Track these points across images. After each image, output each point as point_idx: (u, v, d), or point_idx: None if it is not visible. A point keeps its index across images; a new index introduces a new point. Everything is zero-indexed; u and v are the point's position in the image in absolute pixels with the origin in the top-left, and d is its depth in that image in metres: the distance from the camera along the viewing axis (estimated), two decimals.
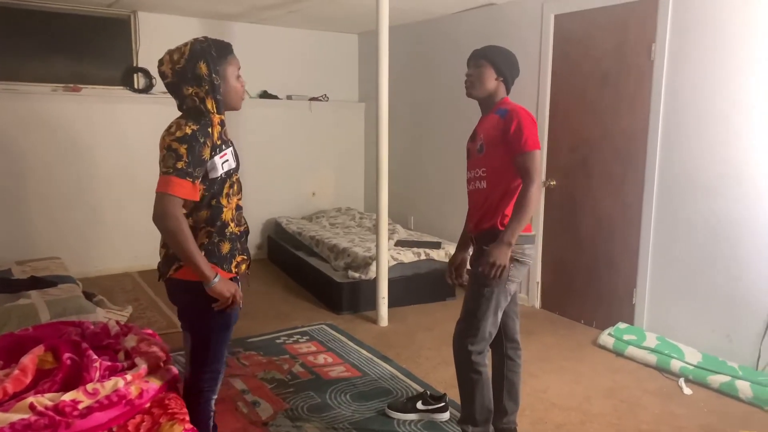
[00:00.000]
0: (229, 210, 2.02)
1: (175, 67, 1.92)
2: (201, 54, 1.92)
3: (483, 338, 2.40)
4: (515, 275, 2.40)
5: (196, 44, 1.94)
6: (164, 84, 1.98)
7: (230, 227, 2.03)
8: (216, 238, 1.99)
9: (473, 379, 2.42)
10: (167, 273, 1.99)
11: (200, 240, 1.96)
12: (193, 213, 1.96)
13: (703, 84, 3.41)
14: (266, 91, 5.89)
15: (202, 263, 1.88)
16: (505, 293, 2.41)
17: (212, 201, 1.98)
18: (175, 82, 1.94)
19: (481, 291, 2.38)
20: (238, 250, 2.08)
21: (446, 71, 5.21)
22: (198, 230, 1.97)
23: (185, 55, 1.92)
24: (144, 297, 4.62)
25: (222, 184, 1.98)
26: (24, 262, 4.49)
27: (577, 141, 4.16)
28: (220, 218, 1.99)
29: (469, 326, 2.41)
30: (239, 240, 2.09)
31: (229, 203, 2.02)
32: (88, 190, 5.16)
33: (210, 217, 1.97)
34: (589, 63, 4.03)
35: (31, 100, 4.84)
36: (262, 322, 4.10)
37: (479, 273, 2.32)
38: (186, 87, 1.92)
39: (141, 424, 1.89)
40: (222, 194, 1.99)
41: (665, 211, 3.66)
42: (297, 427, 2.73)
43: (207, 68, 1.92)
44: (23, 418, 1.72)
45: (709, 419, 2.89)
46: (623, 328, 3.75)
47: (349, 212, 6.19)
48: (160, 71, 1.96)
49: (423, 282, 4.59)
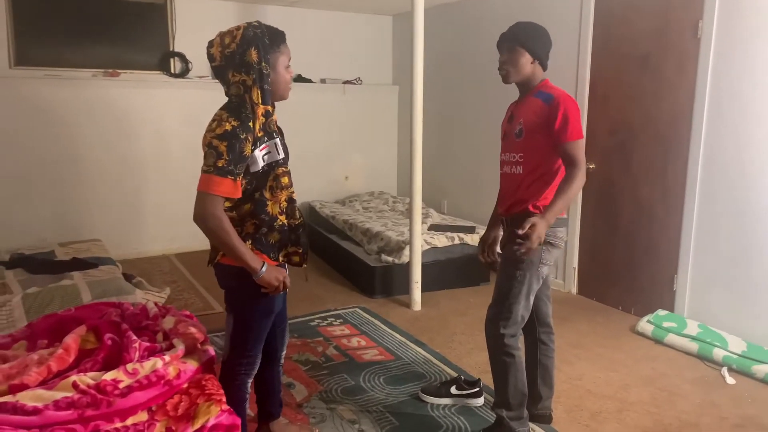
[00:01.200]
0: (275, 203, 2.00)
1: (225, 51, 1.88)
2: (253, 40, 1.87)
3: (515, 321, 2.37)
4: (547, 258, 2.37)
5: (249, 29, 1.89)
6: (211, 67, 1.95)
7: (280, 220, 2.01)
8: (263, 229, 1.98)
9: (506, 363, 2.40)
10: (215, 258, 2.01)
11: (246, 230, 1.96)
12: (236, 207, 1.95)
13: (753, 65, 3.26)
14: (300, 74, 5.88)
15: (247, 256, 1.88)
16: (537, 276, 2.38)
17: (255, 194, 1.96)
18: (222, 66, 1.90)
19: (513, 274, 2.35)
20: (291, 241, 2.07)
21: (481, 53, 5.11)
22: (244, 222, 1.96)
23: (236, 40, 1.87)
24: (181, 279, 4.71)
25: (264, 177, 1.96)
26: (66, 244, 4.62)
27: (617, 125, 4.04)
28: (265, 211, 1.97)
29: (501, 309, 2.38)
30: (294, 232, 2.07)
31: (274, 196, 1.99)
32: (127, 174, 5.26)
33: (254, 210, 1.96)
34: (630, 43, 3.90)
35: (73, 86, 4.94)
36: (296, 305, 4.14)
37: (513, 250, 2.23)
38: (233, 73, 1.88)
39: (179, 404, 1.92)
40: (265, 187, 1.97)
41: (709, 198, 3.54)
42: (331, 409, 2.75)
43: (257, 56, 1.87)
44: (66, 396, 1.77)
45: (752, 410, 2.81)
46: (663, 315, 3.66)
47: (382, 196, 6.18)
48: (209, 53, 1.92)
49: (456, 267, 4.56)
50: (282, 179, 2.00)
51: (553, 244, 2.37)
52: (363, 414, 2.71)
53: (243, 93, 1.89)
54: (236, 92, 1.91)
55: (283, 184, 2.01)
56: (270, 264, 1.97)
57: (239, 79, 1.89)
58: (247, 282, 1.93)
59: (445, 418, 2.69)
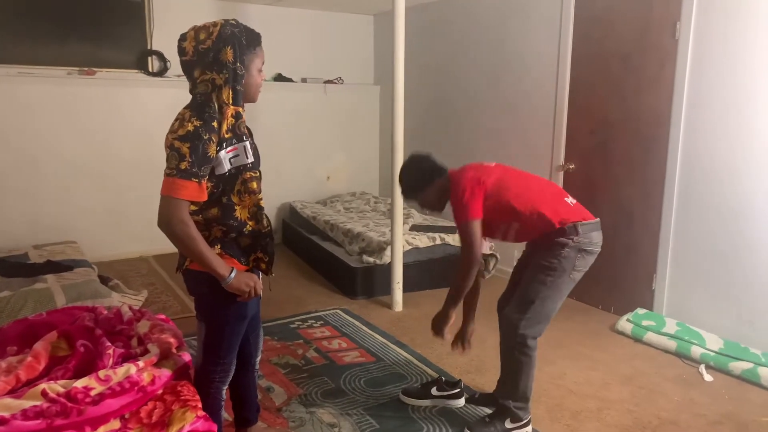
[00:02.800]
0: (244, 208, 1.93)
1: (199, 47, 1.80)
2: (230, 39, 1.80)
3: (538, 322, 2.41)
4: (581, 265, 2.40)
5: (226, 27, 1.81)
6: (180, 61, 1.86)
7: (250, 225, 1.95)
8: (232, 234, 1.92)
9: (521, 362, 2.44)
10: (183, 264, 1.95)
11: (214, 234, 1.90)
12: (203, 211, 1.88)
13: (729, 65, 3.29)
14: (281, 73, 5.84)
15: (215, 263, 1.82)
16: (569, 282, 2.41)
17: (222, 198, 1.88)
18: (193, 62, 1.82)
19: (543, 279, 2.38)
20: (261, 248, 2.00)
21: (463, 52, 5.11)
22: (211, 227, 1.89)
23: (212, 37, 1.79)
24: (159, 281, 4.64)
25: (231, 180, 1.88)
26: (40, 246, 4.53)
27: (597, 124, 4.06)
28: (233, 216, 1.90)
29: (525, 311, 2.41)
30: (263, 238, 2.00)
31: (242, 201, 1.92)
32: (103, 175, 5.17)
33: (222, 215, 1.89)
34: (611, 42, 3.92)
35: (47, 84, 4.84)
36: (276, 307, 4.10)
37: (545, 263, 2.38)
38: (203, 70, 1.81)
39: (153, 411, 1.88)
40: (233, 191, 1.89)
41: (687, 195, 3.57)
42: (311, 412, 2.72)
43: (233, 55, 1.80)
44: (35, 404, 1.72)
45: (730, 406, 2.84)
46: (642, 314, 3.68)
47: (364, 197, 6.15)
48: (181, 47, 1.84)
49: (438, 267, 4.55)
50: (250, 184, 1.92)
51: (588, 251, 2.40)
52: (343, 417, 2.69)
53: (210, 92, 1.83)
54: (203, 90, 1.83)
55: (251, 189, 1.93)
56: (240, 269, 1.92)
57: (209, 78, 1.82)
58: (218, 288, 1.88)
59: (425, 420, 2.67)
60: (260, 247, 2.00)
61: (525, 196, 2.42)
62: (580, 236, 2.35)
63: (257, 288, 1.92)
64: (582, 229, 2.36)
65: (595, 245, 2.42)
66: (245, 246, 1.96)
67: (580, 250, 2.36)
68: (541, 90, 4.40)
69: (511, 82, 4.65)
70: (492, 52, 4.77)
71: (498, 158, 4.74)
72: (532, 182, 2.54)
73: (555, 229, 2.37)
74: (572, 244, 2.35)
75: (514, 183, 2.47)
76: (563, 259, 2.35)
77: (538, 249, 2.45)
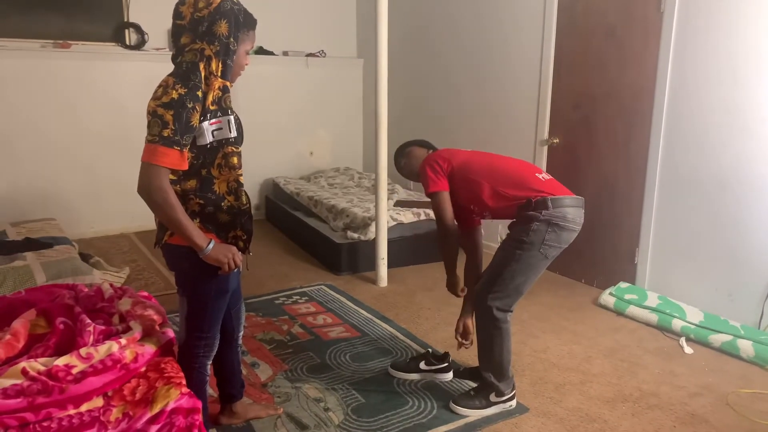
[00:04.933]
0: (222, 182, 1.91)
1: (194, 14, 1.79)
2: (228, 14, 1.80)
3: (507, 296, 2.42)
4: (552, 240, 2.36)
5: (227, 2, 1.82)
6: (173, 23, 1.83)
7: (228, 200, 1.93)
8: (210, 208, 1.89)
9: (492, 334, 2.46)
10: (162, 239, 1.92)
11: (191, 207, 1.87)
12: (181, 181, 1.85)
13: (715, 37, 3.28)
14: (262, 47, 5.73)
15: (192, 232, 1.79)
16: (541, 257, 2.38)
17: (201, 170, 1.87)
18: (183, 27, 1.81)
19: (512, 252, 2.39)
20: (240, 225, 1.98)
21: (448, 23, 5.04)
22: (187, 199, 1.87)
23: (210, 8, 1.79)
24: (141, 258, 4.59)
25: (212, 153, 1.87)
26: (19, 224, 4.44)
27: (581, 98, 4.05)
28: (212, 189, 1.88)
29: (493, 283, 2.42)
30: (242, 216, 1.98)
31: (221, 174, 1.90)
32: (82, 150, 5.07)
33: (200, 187, 1.87)
34: (595, 15, 3.89)
35: (20, 57, 4.71)
36: (261, 283, 4.08)
37: (516, 237, 2.40)
38: (193, 38, 1.80)
39: (137, 389, 1.86)
40: (213, 164, 1.88)
41: (670, 170, 3.58)
42: (296, 387, 2.72)
43: (228, 30, 1.80)
44: (16, 383, 1.69)
45: (709, 378, 2.89)
46: (624, 288, 3.72)
47: (348, 172, 6.11)
48: (178, 10, 1.82)
49: (423, 242, 4.55)
50: (231, 158, 1.90)
51: (561, 226, 2.35)
52: (329, 392, 2.69)
53: (198, 61, 1.80)
54: (190, 59, 1.81)
55: (232, 164, 1.91)
56: (218, 241, 1.89)
57: (198, 47, 1.80)
58: (199, 262, 1.85)
59: (411, 394, 2.69)
60: (239, 224, 1.98)
61: (488, 173, 2.49)
62: (549, 210, 2.33)
63: (236, 259, 1.90)
64: (553, 203, 2.34)
65: (570, 222, 2.37)
66: (224, 222, 1.94)
67: (551, 224, 2.33)
68: (525, 64, 4.36)
69: (495, 56, 4.61)
70: (476, 25, 4.71)
71: (483, 132, 4.74)
72: (500, 161, 2.58)
73: (523, 204, 2.38)
74: (541, 218, 2.33)
75: (480, 161, 2.57)
76: (532, 233, 2.34)
77: (512, 226, 2.47)
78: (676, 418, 2.55)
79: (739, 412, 2.59)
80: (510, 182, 2.44)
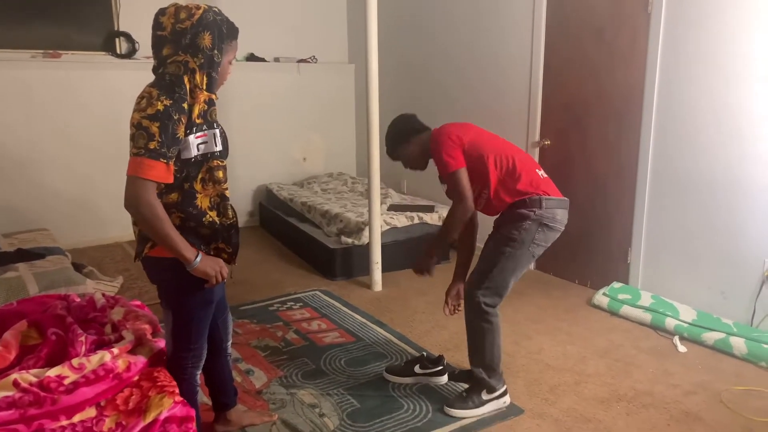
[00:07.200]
0: (205, 197, 1.88)
1: (176, 26, 1.75)
2: (211, 25, 1.77)
3: (496, 293, 2.45)
4: (540, 239, 2.42)
5: (209, 13, 1.78)
6: (153, 34, 1.80)
7: (210, 215, 1.89)
8: (191, 223, 1.86)
9: (483, 328, 2.48)
10: (142, 252, 1.88)
11: (172, 221, 1.83)
12: (163, 195, 1.81)
13: (703, 37, 3.30)
14: (253, 53, 5.74)
15: (181, 246, 1.76)
16: (528, 255, 2.43)
17: (184, 184, 1.83)
18: (165, 39, 1.77)
19: (503, 249, 2.41)
20: (224, 239, 1.95)
21: (439, 28, 5.07)
22: (169, 213, 1.81)
23: (193, 19, 1.75)
24: (134, 267, 4.57)
25: (197, 167, 1.84)
26: (10, 235, 4.43)
27: (572, 99, 4.06)
28: (194, 204, 1.85)
29: (482, 279, 2.45)
30: (225, 231, 1.95)
31: (205, 189, 1.87)
32: (74, 160, 5.05)
33: (181, 202, 1.83)
34: (584, 15, 3.91)
35: (10, 67, 4.69)
36: (255, 290, 4.07)
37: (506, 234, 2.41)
38: (176, 51, 1.76)
39: (130, 398, 1.86)
40: (196, 178, 1.85)
41: (661, 169, 3.60)
42: (291, 394, 2.72)
43: (212, 42, 1.77)
44: (7, 395, 1.69)
45: (703, 376, 2.90)
46: (618, 288, 3.73)
47: (341, 177, 6.11)
48: (158, 20, 1.78)
49: (416, 246, 4.55)
50: (216, 173, 1.88)
51: (550, 227, 2.42)
52: (324, 397, 2.69)
53: (182, 73, 1.77)
54: (174, 71, 1.78)
55: (217, 178, 1.89)
56: (203, 254, 1.87)
57: (181, 59, 1.77)
58: (182, 273, 1.82)
59: (406, 398, 2.68)
60: (222, 238, 1.95)
61: (502, 155, 2.47)
62: (542, 210, 2.39)
63: (223, 272, 1.89)
64: (546, 203, 2.39)
65: (558, 222, 2.45)
66: (205, 235, 1.91)
67: (541, 224, 2.40)
68: (515, 66, 4.38)
69: (485, 59, 4.63)
70: (466, 29, 4.72)
71: None
72: (507, 148, 2.56)
73: (517, 200, 2.41)
74: (534, 216, 2.38)
75: (490, 143, 2.53)
76: (523, 230, 2.39)
77: (503, 222, 2.49)
78: (670, 416, 2.56)
79: (732, 410, 2.60)
80: (516, 174, 2.45)
